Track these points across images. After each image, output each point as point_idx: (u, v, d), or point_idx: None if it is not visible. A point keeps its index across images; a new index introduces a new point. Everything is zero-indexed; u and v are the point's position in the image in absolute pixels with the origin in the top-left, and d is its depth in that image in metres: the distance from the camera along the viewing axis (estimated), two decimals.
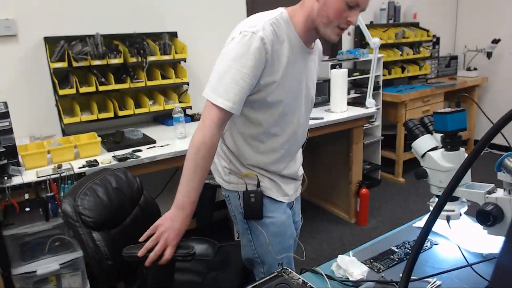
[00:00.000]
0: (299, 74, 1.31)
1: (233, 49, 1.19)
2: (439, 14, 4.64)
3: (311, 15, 1.24)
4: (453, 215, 1.09)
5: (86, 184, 1.46)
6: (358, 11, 1.22)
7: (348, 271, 1.07)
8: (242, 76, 1.17)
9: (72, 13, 2.53)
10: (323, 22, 1.22)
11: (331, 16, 1.20)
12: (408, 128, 1.20)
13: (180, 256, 1.19)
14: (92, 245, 1.36)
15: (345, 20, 1.21)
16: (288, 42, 1.25)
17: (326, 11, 1.21)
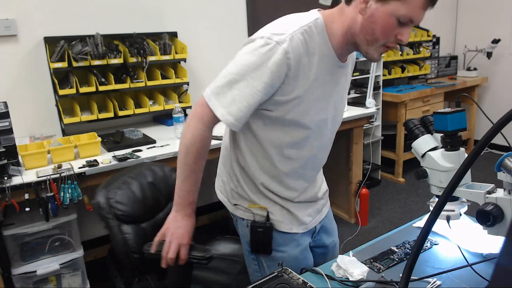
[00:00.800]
0: (328, 92, 1.13)
1: (251, 55, 1.04)
2: (439, 14, 4.64)
3: (353, 28, 1.05)
4: (453, 215, 1.09)
5: (121, 177, 1.48)
6: (411, 27, 1.05)
7: (348, 271, 1.07)
8: (253, 92, 1.03)
9: (72, 13, 2.53)
10: (367, 39, 1.04)
11: (378, 34, 1.01)
12: (408, 128, 1.20)
13: (195, 258, 1.18)
14: (121, 237, 1.40)
15: (394, 38, 1.03)
16: (319, 55, 1.07)
17: (372, 27, 1.01)
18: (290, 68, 1.02)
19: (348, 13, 1.05)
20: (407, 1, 0.99)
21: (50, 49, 2.37)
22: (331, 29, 1.08)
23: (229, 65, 1.10)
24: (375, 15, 1.00)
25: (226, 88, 1.07)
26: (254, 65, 1.02)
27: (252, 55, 1.03)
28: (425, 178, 1.12)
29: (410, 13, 1.01)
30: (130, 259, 1.41)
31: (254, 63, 1.02)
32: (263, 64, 1.01)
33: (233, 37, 3.19)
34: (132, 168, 1.57)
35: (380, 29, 1.01)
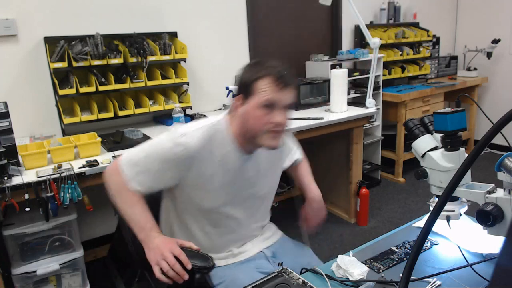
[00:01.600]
0: (231, 180, 1.29)
1: (163, 144, 1.22)
2: (439, 14, 4.64)
3: (240, 131, 1.24)
4: (453, 215, 1.09)
5: None
6: (282, 109, 1.18)
7: (348, 271, 1.07)
8: (160, 175, 1.23)
9: (72, 13, 2.53)
10: (251, 135, 1.20)
11: (254, 126, 1.18)
12: (408, 128, 1.20)
13: (197, 267, 1.16)
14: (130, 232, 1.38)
15: (271, 124, 1.17)
16: (222, 149, 1.25)
17: (247, 123, 1.19)
18: (193, 161, 1.20)
19: (235, 120, 1.25)
20: (259, 92, 1.16)
21: (50, 49, 2.37)
22: (232, 128, 1.26)
23: (147, 142, 1.28)
24: (247, 113, 1.19)
25: (142, 162, 1.24)
26: (163, 153, 1.21)
27: (164, 145, 1.21)
28: (425, 178, 1.12)
29: (266, 98, 1.16)
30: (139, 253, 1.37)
31: (163, 152, 1.21)
32: (168, 156, 1.20)
33: (233, 37, 3.19)
34: None
35: (252, 122, 1.18)
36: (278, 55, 3.53)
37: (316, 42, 3.77)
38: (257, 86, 1.17)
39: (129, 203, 1.24)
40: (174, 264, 1.12)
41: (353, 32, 3.94)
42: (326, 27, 3.82)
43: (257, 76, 1.17)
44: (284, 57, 3.56)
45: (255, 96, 1.17)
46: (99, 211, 2.73)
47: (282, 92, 1.17)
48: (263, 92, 1.16)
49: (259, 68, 1.19)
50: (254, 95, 1.17)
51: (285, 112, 1.20)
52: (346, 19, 3.82)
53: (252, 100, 1.17)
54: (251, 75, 1.19)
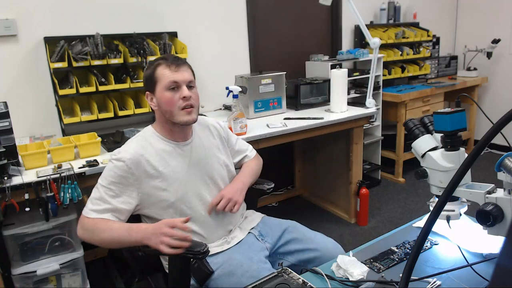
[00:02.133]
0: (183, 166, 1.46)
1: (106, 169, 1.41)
2: (439, 14, 4.64)
3: (161, 120, 1.45)
4: (453, 215, 1.09)
5: None
6: (184, 85, 1.40)
7: (348, 271, 1.07)
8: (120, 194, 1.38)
9: (72, 13, 2.53)
10: (169, 116, 1.41)
11: (168, 107, 1.39)
12: (408, 128, 1.20)
13: (191, 252, 1.22)
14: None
15: (181, 100, 1.39)
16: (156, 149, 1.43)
17: (163, 108, 1.41)
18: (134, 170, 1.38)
19: (156, 114, 1.47)
20: (160, 78, 1.39)
21: (50, 49, 2.37)
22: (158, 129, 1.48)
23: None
24: (158, 102, 1.42)
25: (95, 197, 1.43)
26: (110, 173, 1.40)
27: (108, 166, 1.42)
28: (425, 178, 1.12)
29: (168, 80, 1.38)
30: (135, 257, 1.46)
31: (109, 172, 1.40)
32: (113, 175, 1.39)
33: (233, 37, 3.19)
34: None
35: (166, 104, 1.40)
36: (278, 55, 3.53)
37: (316, 42, 3.77)
38: (156, 75, 1.40)
39: (104, 229, 1.32)
40: (172, 233, 1.22)
41: (353, 32, 3.94)
42: (326, 27, 3.82)
43: (153, 67, 1.41)
44: (284, 57, 3.56)
45: (159, 83, 1.39)
46: None
47: (178, 71, 1.39)
48: (164, 77, 1.38)
49: (155, 62, 1.43)
50: (158, 82, 1.40)
51: (189, 89, 1.41)
52: (346, 19, 3.82)
53: (158, 87, 1.40)
54: (151, 69, 1.42)
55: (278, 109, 2.95)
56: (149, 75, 1.42)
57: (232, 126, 2.34)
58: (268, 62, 3.43)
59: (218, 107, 3.13)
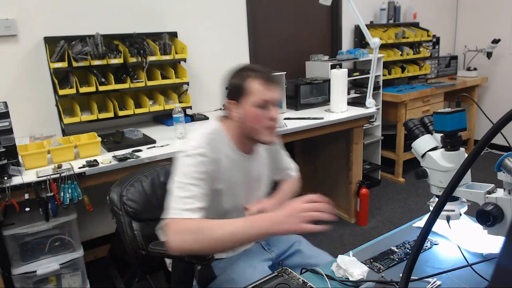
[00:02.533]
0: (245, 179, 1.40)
1: (186, 165, 1.24)
2: (439, 14, 4.64)
3: (239, 131, 1.35)
4: (453, 215, 1.09)
5: (135, 175, 1.54)
6: (274, 105, 1.32)
7: (348, 271, 1.07)
8: (201, 191, 1.23)
9: (72, 13, 2.53)
10: (252, 132, 1.33)
11: (254, 124, 1.31)
12: (408, 128, 1.20)
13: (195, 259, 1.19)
14: (130, 233, 1.45)
15: (268, 120, 1.30)
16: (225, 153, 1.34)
17: (247, 123, 1.31)
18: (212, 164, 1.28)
19: (232, 123, 1.36)
20: (251, 90, 1.29)
21: (50, 49, 2.37)
22: (230, 132, 1.37)
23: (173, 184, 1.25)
24: (243, 115, 1.31)
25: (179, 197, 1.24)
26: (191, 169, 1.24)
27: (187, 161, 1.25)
28: (425, 178, 1.12)
29: (260, 98, 1.28)
30: (138, 256, 1.44)
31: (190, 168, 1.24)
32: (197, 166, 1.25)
33: (233, 37, 3.19)
34: (147, 168, 1.60)
35: (252, 121, 1.30)
36: (278, 55, 3.53)
37: (316, 42, 3.77)
38: (247, 87, 1.29)
39: (212, 227, 1.13)
40: (315, 206, 1.06)
41: (353, 32, 3.94)
42: (326, 27, 3.82)
43: (248, 80, 1.30)
44: (284, 57, 3.56)
45: (248, 97, 1.29)
46: (99, 211, 2.72)
47: (271, 90, 1.31)
48: (256, 92, 1.28)
49: (247, 73, 1.31)
50: (247, 96, 1.29)
51: (276, 108, 1.33)
52: (346, 19, 3.82)
53: (246, 101, 1.30)
54: (241, 79, 1.31)
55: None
56: (238, 85, 1.31)
57: None
58: (268, 62, 3.43)
59: (218, 107, 3.13)
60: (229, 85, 1.35)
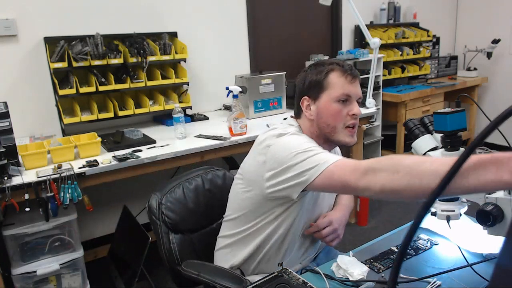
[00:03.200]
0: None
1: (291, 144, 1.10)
2: (439, 14, 4.64)
3: (314, 132, 1.23)
4: (453, 215, 1.09)
5: (177, 181, 1.44)
6: (355, 100, 1.20)
7: (348, 271, 1.07)
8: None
9: (72, 13, 2.53)
10: (330, 131, 1.20)
11: (332, 121, 1.18)
12: (408, 128, 1.20)
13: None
14: (167, 246, 1.35)
15: (348, 116, 1.18)
16: None
17: (324, 120, 1.19)
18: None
19: (305, 123, 1.25)
20: (332, 87, 1.18)
21: (50, 49, 2.37)
22: (307, 133, 1.24)
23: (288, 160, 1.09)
24: (320, 112, 1.19)
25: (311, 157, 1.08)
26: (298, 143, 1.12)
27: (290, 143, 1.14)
28: None
29: (342, 92, 1.17)
30: (174, 271, 1.36)
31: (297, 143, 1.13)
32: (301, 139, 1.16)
33: (233, 37, 3.19)
34: (192, 172, 1.50)
35: (331, 118, 1.18)
36: (278, 55, 3.53)
37: (316, 42, 3.77)
38: (328, 81, 1.18)
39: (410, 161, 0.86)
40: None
41: (353, 32, 3.94)
42: (326, 27, 3.82)
43: (327, 72, 1.19)
44: (284, 57, 3.56)
45: (328, 91, 1.18)
46: (99, 211, 2.73)
47: (353, 84, 1.19)
48: (337, 86, 1.17)
49: (324, 67, 1.20)
50: (326, 90, 1.18)
51: (357, 104, 1.20)
52: (346, 19, 3.82)
53: (325, 96, 1.18)
54: (318, 73, 1.20)
55: (278, 109, 2.95)
56: (317, 80, 1.20)
57: (232, 126, 2.34)
58: (268, 62, 3.43)
59: (218, 107, 3.13)
60: (305, 80, 1.23)
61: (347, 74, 1.18)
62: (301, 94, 1.24)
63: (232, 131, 2.35)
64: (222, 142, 2.28)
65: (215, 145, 2.26)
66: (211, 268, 1.28)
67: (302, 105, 1.24)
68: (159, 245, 1.37)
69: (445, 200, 1.07)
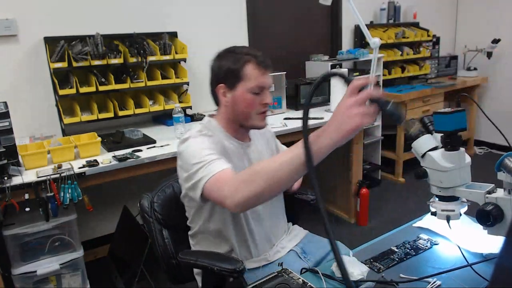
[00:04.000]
0: (243, 168, 1.29)
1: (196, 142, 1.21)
2: (439, 14, 4.64)
3: (230, 117, 1.32)
4: (453, 215, 1.09)
5: (167, 181, 1.50)
6: (268, 90, 1.29)
7: (348, 271, 1.07)
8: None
9: (72, 13, 2.53)
10: (244, 118, 1.30)
11: (246, 109, 1.27)
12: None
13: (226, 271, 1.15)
14: (161, 242, 1.41)
15: (261, 105, 1.28)
16: (223, 142, 1.30)
17: (239, 108, 1.28)
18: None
19: (221, 110, 1.34)
20: (246, 75, 1.25)
21: (50, 49, 2.37)
22: (222, 123, 1.34)
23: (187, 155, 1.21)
24: (236, 100, 1.27)
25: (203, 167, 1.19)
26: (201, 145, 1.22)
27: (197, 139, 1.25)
28: (425, 178, 1.12)
29: (256, 84, 1.25)
30: (169, 266, 1.40)
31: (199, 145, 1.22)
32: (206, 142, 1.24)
33: (233, 37, 3.18)
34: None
35: (246, 107, 1.27)
36: (278, 55, 3.53)
37: (316, 42, 3.77)
38: (244, 72, 1.25)
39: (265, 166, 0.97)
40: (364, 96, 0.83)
41: (353, 32, 3.94)
42: (326, 27, 3.82)
43: (243, 62, 1.25)
44: (284, 57, 3.56)
45: (243, 82, 1.25)
46: (99, 211, 2.73)
47: (266, 75, 1.28)
48: (252, 77, 1.25)
49: (238, 56, 1.27)
50: (242, 81, 1.26)
51: (269, 93, 1.31)
52: (346, 19, 3.82)
53: (241, 86, 1.26)
54: (233, 63, 1.26)
55: (278, 109, 2.95)
56: (234, 70, 1.26)
57: None
58: None
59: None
60: (221, 68, 1.30)
61: (261, 66, 1.26)
62: (217, 81, 1.32)
63: None
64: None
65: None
66: (207, 254, 1.32)
67: (217, 91, 1.32)
68: (153, 242, 1.42)
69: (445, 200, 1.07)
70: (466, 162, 1.05)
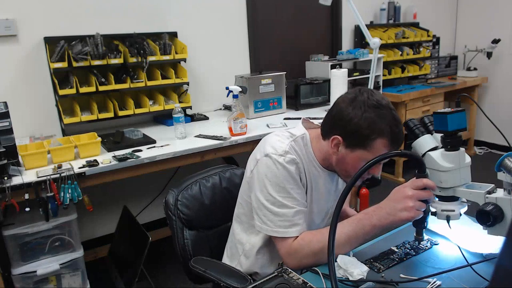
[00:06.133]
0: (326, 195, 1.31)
1: (276, 174, 1.16)
2: (439, 14, 4.64)
3: (329, 159, 1.23)
4: (453, 215, 1.09)
5: (195, 178, 1.45)
6: (381, 165, 1.18)
7: (348, 271, 1.07)
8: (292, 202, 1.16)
9: (72, 13, 2.53)
10: (342, 174, 1.23)
11: (351, 172, 1.18)
12: (408, 128, 1.20)
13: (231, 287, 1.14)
14: (181, 241, 1.37)
15: (367, 174, 1.17)
16: (306, 164, 1.24)
17: (344, 167, 1.20)
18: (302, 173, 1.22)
19: (324, 144, 1.23)
20: (372, 148, 1.13)
21: (50, 49, 2.37)
22: (315, 146, 1.26)
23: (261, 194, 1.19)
24: (345, 158, 1.17)
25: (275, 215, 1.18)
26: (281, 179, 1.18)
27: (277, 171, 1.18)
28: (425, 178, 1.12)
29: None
30: (185, 266, 1.37)
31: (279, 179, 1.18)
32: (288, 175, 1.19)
33: (233, 37, 3.19)
34: (209, 170, 1.51)
35: (352, 169, 1.17)
36: (278, 55, 3.53)
37: (316, 42, 3.77)
38: (372, 144, 1.12)
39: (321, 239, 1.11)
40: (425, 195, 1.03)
41: (353, 32, 3.94)
42: (326, 27, 3.82)
43: (375, 134, 1.11)
44: (284, 57, 3.56)
45: (365, 151, 1.13)
46: (99, 211, 2.73)
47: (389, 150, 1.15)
48: (376, 153, 1.12)
49: (376, 123, 1.11)
50: (364, 150, 1.13)
51: (380, 165, 1.20)
52: (346, 19, 3.82)
53: (360, 153, 1.14)
54: (367, 127, 1.11)
55: (278, 109, 2.95)
56: (362, 136, 1.12)
57: (232, 126, 2.34)
58: (268, 62, 3.43)
59: (218, 107, 3.13)
60: (350, 121, 1.14)
61: (392, 146, 1.14)
62: (339, 131, 1.17)
63: (232, 131, 2.35)
64: (222, 142, 2.28)
65: (215, 145, 2.27)
66: (218, 266, 1.29)
67: (331, 140, 1.18)
68: (173, 240, 1.38)
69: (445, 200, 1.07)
70: (466, 162, 1.05)
